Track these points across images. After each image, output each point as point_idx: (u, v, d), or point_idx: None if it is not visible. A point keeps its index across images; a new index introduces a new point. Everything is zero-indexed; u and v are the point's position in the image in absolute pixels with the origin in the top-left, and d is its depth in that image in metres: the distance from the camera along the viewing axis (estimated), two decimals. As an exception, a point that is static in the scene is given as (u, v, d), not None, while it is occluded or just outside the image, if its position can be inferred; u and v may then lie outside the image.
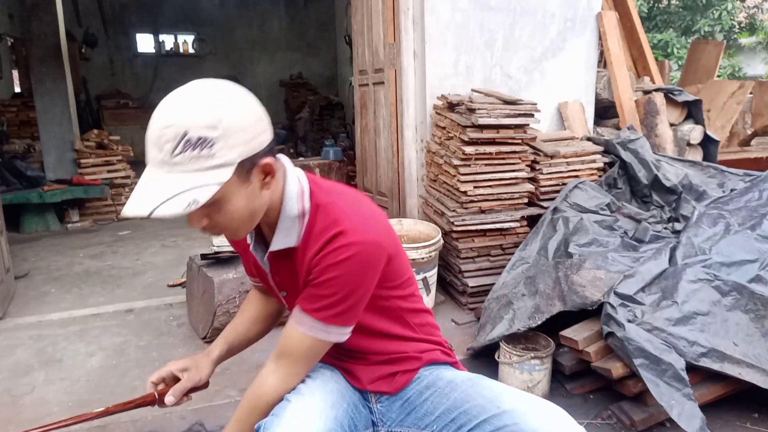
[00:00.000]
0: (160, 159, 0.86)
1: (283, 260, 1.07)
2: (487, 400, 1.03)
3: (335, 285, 0.98)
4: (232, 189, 0.90)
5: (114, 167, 5.19)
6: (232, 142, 0.87)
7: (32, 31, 4.99)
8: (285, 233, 1.03)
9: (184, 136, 0.84)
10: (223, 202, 0.90)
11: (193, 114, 0.85)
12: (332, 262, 0.96)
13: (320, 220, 1.01)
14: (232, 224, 0.95)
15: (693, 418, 1.71)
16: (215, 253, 2.56)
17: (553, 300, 2.13)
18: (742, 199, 2.50)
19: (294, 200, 1.02)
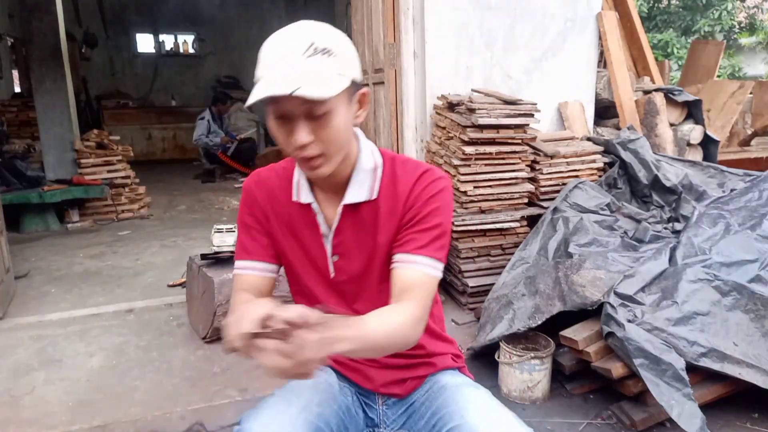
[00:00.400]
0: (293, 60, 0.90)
1: (350, 217, 1.09)
2: (457, 408, 1.02)
3: (437, 216, 1.04)
4: (340, 104, 0.94)
5: (114, 167, 5.19)
6: (347, 60, 0.95)
7: (32, 31, 4.99)
8: (358, 186, 1.07)
9: (311, 44, 0.91)
10: (332, 115, 0.94)
11: (314, 32, 0.93)
12: (433, 192, 1.04)
13: (400, 166, 1.09)
14: (332, 144, 0.96)
15: (693, 418, 1.71)
16: (215, 253, 2.56)
17: (553, 300, 2.13)
18: (742, 199, 2.50)
19: (368, 154, 1.09)
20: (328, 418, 1.03)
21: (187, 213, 5.41)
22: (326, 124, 0.93)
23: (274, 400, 1.01)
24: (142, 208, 5.29)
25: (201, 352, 2.45)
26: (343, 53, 0.94)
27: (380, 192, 1.07)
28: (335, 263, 1.12)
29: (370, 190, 1.07)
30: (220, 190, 6.40)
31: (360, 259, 1.10)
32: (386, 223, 1.06)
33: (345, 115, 0.96)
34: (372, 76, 3.66)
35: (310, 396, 1.04)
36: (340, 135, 0.97)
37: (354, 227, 1.09)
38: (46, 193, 4.58)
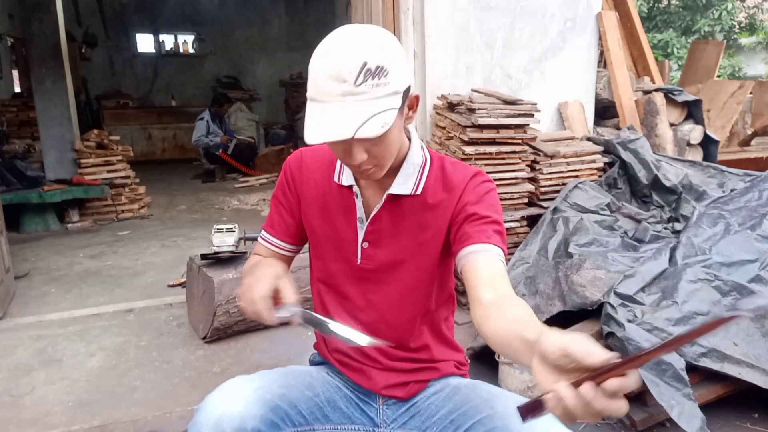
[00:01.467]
0: (343, 90, 0.90)
1: (390, 207, 1.10)
2: (482, 401, 1.04)
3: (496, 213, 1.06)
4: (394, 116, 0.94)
5: (114, 167, 5.19)
6: (399, 71, 0.94)
7: (32, 31, 4.99)
8: (405, 179, 1.08)
9: (364, 65, 0.89)
10: (387, 134, 0.95)
11: (367, 46, 0.91)
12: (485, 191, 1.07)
13: (450, 166, 1.11)
14: (387, 157, 0.99)
15: (693, 418, 1.71)
16: (215, 253, 2.56)
17: (553, 300, 2.13)
18: (742, 199, 2.50)
19: (419, 149, 1.10)
20: (293, 400, 1.04)
21: (187, 213, 5.41)
22: (381, 142, 0.96)
23: (234, 379, 1.02)
24: (142, 208, 5.29)
25: (201, 352, 2.45)
26: (395, 65, 0.93)
27: (425, 188, 1.08)
28: (364, 250, 1.12)
29: (415, 185, 1.08)
30: (220, 190, 6.40)
31: (391, 250, 1.10)
32: (433, 219, 1.08)
33: (399, 124, 0.98)
34: (372, 76, 3.65)
35: (275, 378, 1.05)
36: (393, 148, 1.00)
37: (392, 218, 1.10)
38: (46, 193, 4.58)
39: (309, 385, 1.10)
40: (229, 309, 2.44)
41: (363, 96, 0.90)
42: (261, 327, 2.59)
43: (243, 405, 0.96)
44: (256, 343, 2.50)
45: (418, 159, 1.09)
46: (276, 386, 1.03)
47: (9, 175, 4.71)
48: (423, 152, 1.11)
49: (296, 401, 1.04)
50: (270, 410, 1.00)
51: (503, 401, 1.02)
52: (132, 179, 5.26)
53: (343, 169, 1.12)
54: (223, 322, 2.45)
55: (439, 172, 1.10)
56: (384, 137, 0.94)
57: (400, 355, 1.15)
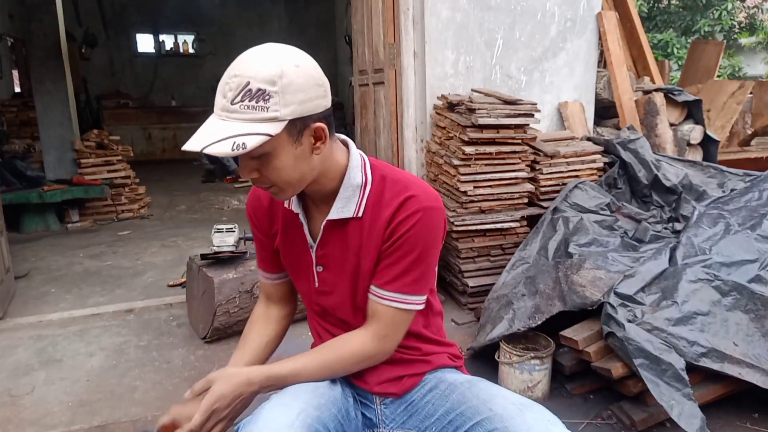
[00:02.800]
0: (222, 104, 0.93)
1: (336, 232, 1.09)
2: (480, 402, 1.03)
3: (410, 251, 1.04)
4: (281, 145, 0.94)
5: (114, 167, 5.19)
6: (287, 100, 0.92)
7: (32, 31, 4.99)
8: (345, 202, 1.07)
9: (246, 86, 0.91)
10: (271, 157, 0.95)
11: (259, 68, 0.92)
12: (409, 225, 1.03)
13: (389, 188, 1.07)
14: (279, 181, 0.99)
15: (693, 418, 1.71)
16: (215, 253, 2.56)
17: (553, 300, 2.13)
18: (742, 199, 2.50)
19: (357, 170, 1.08)
20: (325, 421, 1.02)
21: (187, 213, 5.41)
22: (267, 164, 0.96)
23: (270, 405, 1.00)
24: (142, 208, 5.29)
25: (201, 352, 2.45)
26: (285, 92, 0.91)
27: (365, 211, 1.07)
28: (319, 274, 1.15)
29: (356, 208, 1.07)
30: (220, 190, 6.40)
31: (344, 273, 1.11)
32: (368, 245, 1.07)
33: (290, 154, 0.96)
34: (372, 76, 3.66)
35: (308, 399, 1.03)
36: (286, 173, 0.97)
37: (339, 242, 1.10)
38: (46, 193, 4.58)
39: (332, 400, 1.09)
40: (229, 309, 2.44)
41: (234, 115, 0.91)
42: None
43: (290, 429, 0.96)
44: (256, 343, 2.49)
45: (356, 180, 1.06)
46: (311, 408, 1.02)
47: (9, 175, 4.71)
48: (363, 172, 1.08)
49: (326, 421, 1.03)
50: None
51: (501, 402, 1.01)
52: (132, 179, 5.26)
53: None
54: (223, 322, 2.45)
55: (378, 193, 1.07)
56: (268, 160, 0.95)
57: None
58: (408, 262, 1.04)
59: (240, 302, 2.46)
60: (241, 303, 2.47)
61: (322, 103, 0.98)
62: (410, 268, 1.04)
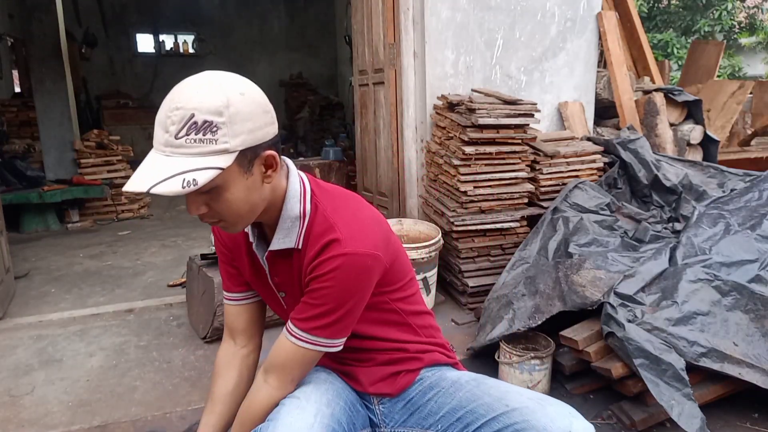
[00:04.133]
0: (165, 140, 0.87)
1: (282, 260, 1.08)
2: (494, 399, 1.03)
3: (325, 296, 0.98)
4: (232, 177, 0.90)
5: (114, 167, 5.19)
6: (236, 130, 0.88)
7: (32, 31, 4.99)
8: (285, 233, 1.04)
9: (190, 118, 0.86)
10: (222, 190, 0.91)
11: (202, 98, 0.87)
12: (324, 271, 0.97)
13: (318, 223, 1.02)
14: (230, 214, 0.95)
15: (693, 418, 1.71)
16: (215, 253, 2.55)
17: (553, 300, 2.13)
18: (742, 199, 2.50)
19: (295, 200, 1.03)
20: (338, 416, 1.04)
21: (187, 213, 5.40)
22: (217, 198, 0.92)
23: (285, 409, 1.01)
24: (142, 208, 5.29)
25: (201, 351, 2.45)
26: (233, 122, 0.87)
27: (303, 242, 1.03)
28: (284, 299, 1.15)
29: (297, 239, 1.04)
30: (220, 190, 6.40)
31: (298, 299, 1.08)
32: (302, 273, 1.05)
33: (242, 185, 0.92)
34: (372, 76, 3.66)
35: (319, 398, 1.04)
36: (237, 205, 0.93)
37: (286, 268, 1.08)
38: (46, 193, 4.58)
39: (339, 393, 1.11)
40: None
41: (180, 150, 0.86)
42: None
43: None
44: (256, 343, 2.50)
45: (294, 211, 1.03)
46: (325, 407, 1.02)
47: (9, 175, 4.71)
48: (303, 203, 1.03)
49: (339, 416, 1.04)
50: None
51: (517, 397, 1.02)
52: (132, 179, 5.25)
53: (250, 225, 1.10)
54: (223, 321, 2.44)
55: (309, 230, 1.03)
56: (218, 194, 0.90)
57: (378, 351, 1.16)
58: (324, 306, 0.99)
59: (240, 302, 2.46)
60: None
61: (270, 130, 0.94)
62: (326, 313, 1.00)
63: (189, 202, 0.92)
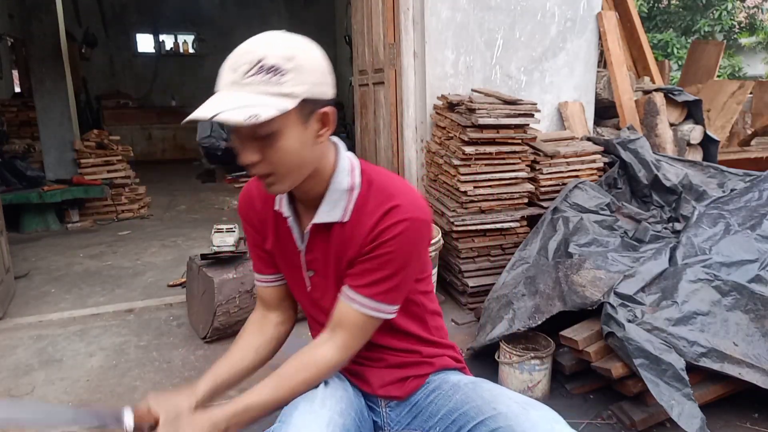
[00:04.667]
0: (232, 80, 0.90)
1: (321, 236, 1.07)
2: (484, 402, 1.03)
3: (389, 261, 1.01)
4: (290, 125, 0.92)
5: (114, 167, 5.19)
6: (301, 79, 0.91)
7: (32, 31, 4.99)
8: (331, 206, 1.04)
9: (259, 61, 0.89)
10: (279, 136, 0.92)
11: (272, 45, 0.91)
12: (390, 236, 0.99)
13: (374, 195, 1.04)
14: (281, 165, 0.95)
15: (693, 418, 1.71)
16: (215, 253, 2.56)
17: (553, 300, 2.13)
18: (742, 199, 2.50)
19: (345, 173, 1.05)
20: (348, 427, 1.03)
21: (187, 213, 5.41)
22: (272, 144, 0.92)
23: (298, 413, 1.00)
24: (142, 208, 5.29)
25: (201, 351, 2.45)
26: (299, 70, 0.90)
27: (352, 216, 1.04)
28: (311, 278, 1.13)
29: (343, 212, 1.04)
30: (220, 190, 6.40)
31: (332, 277, 1.09)
32: (349, 252, 1.05)
33: (298, 136, 0.94)
34: (372, 76, 3.66)
35: (332, 405, 1.04)
36: (290, 157, 0.94)
37: (326, 246, 1.08)
38: (46, 193, 4.58)
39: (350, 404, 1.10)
40: (229, 309, 2.44)
41: (247, 88, 0.89)
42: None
43: None
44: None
45: (343, 184, 1.04)
46: (336, 416, 1.02)
47: (9, 175, 4.71)
48: (352, 176, 1.05)
49: (349, 426, 1.04)
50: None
51: (505, 401, 1.01)
52: (132, 179, 5.26)
53: (281, 197, 1.09)
54: (223, 322, 2.45)
55: (365, 198, 1.04)
56: (275, 140, 0.92)
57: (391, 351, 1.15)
58: (386, 271, 1.01)
59: (240, 302, 2.46)
60: (241, 303, 2.47)
61: (329, 91, 0.97)
62: (387, 278, 1.01)
63: (244, 148, 0.94)
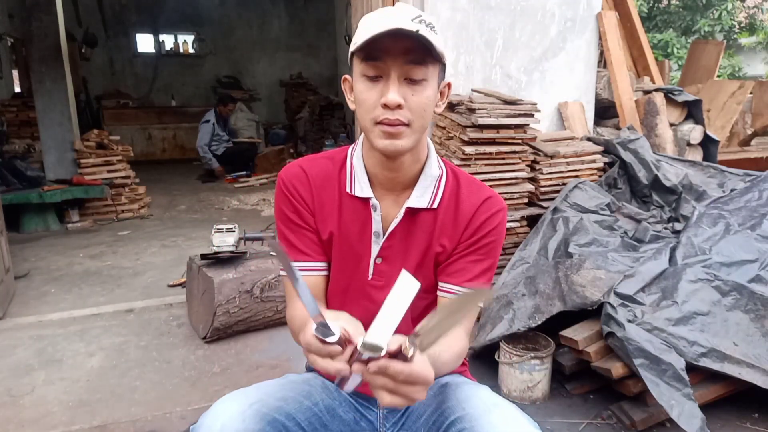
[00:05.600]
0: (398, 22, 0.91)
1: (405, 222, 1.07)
2: (458, 402, 1.01)
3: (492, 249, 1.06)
4: (434, 80, 0.97)
5: (114, 167, 5.19)
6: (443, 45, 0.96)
7: (32, 31, 4.98)
8: (422, 191, 1.06)
9: (419, 15, 0.94)
10: (427, 85, 0.96)
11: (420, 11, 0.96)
12: (492, 226, 1.05)
13: (464, 184, 1.08)
14: (419, 116, 0.97)
15: (693, 418, 1.71)
16: (215, 253, 2.56)
17: (553, 300, 2.13)
18: (742, 199, 2.50)
19: (435, 161, 1.08)
20: (291, 412, 1.00)
21: (187, 213, 5.41)
22: (420, 91, 0.95)
23: (230, 395, 0.99)
24: (142, 208, 5.29)
25: (201, 352, 2.45)
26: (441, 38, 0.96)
27: (441, 203, 1.06)
28: (377, 265, 1.09)
29: (432, 198, 1.06)
30: (220, 190, 6.39)
31: (402, 265, 1.04)
32: (442, 236, 1.06)
33: (434, 91, 0.98)
34: (372, 76, 3.65)
35: (271, 391, 1.01)
36: (429, 108, 0.97)
37: (408, 232, 1.07)
38: (46, 193, 4.58)
39: (307, 394, 1.06)
40: (229, 309, 2.44)
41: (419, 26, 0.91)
42: (261, 327, 2.59)
43: (240, 421, 0.92)
44: (256, 343, 2.50)
45: (435, 171, 1.07)
46: (273, 399, 0.99)
47: (9, 175, 4.71)
48: (439, 164, 1.09)
49: (294, 413, 1.00)
50: (267, 424, 0.95)
51: (475, 402, 0.99)
52: (132, 179, 5.26)
53: (356, 178, 1.07)
54: (223, 322, 2.45)
55: (455, 188, 1.08)
56: (423, 87, 0.95)
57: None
58: (492, 259, 1.06)
59: (240, 302, 2.46)
60: (241, 303, 2.47)
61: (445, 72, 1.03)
62: (492, 266, 1.07)
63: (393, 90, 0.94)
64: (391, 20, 0.92)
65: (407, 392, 0.75)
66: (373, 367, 0.73)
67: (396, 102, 0.94)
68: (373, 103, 0.96)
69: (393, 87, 0.94)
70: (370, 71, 0.95)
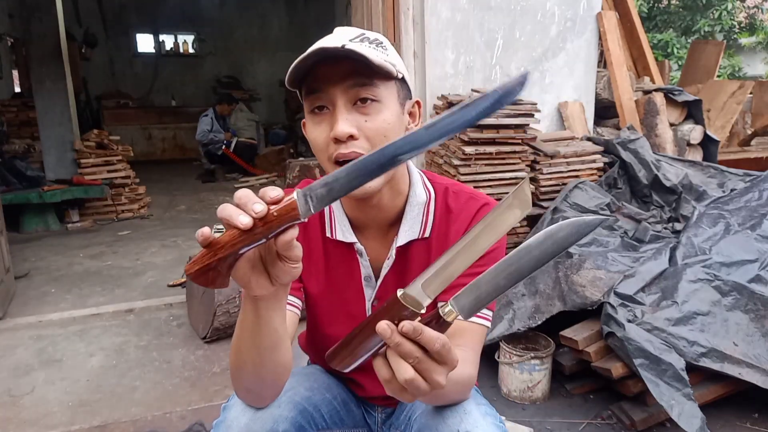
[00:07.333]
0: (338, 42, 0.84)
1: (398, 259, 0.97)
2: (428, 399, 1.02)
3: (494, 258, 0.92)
4: (392, 99, 0.87)
5: (114, 167, 5.19)
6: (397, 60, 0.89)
7: (32, 31, 4.99)
8: (411, 223, 0.96)
9: (362, 33, 0.87)
10: (382, 107, 0.86)
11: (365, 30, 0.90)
12: None
13: (453, 199, 0.98)
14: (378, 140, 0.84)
15: (693, 418, 1.71)
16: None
17: (553, 300, 2.13)
18: (742, 199, 2.50)
19: (420, 185, 0.98)
20: (317, 403, 1.00)
21: (187, 213, 5.41)
22: (374, 115, 0.85)
23: None
24: (142, 208, 5.29)
25: (201, 352, 2.45)
26: (393, 53, 0.89)
27: (433, 230, 0.97)
28: (374, 306, 1.02)
29: (422, 227, 0.96)
30: (220, 190, 6.39)
31: None
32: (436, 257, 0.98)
33: (395, 112, 0.87)
34: (372, 76, 3.66)
35: (300, 380, 1.01)
36: (391, 133, 0.85)
37: (402, 270, 0.98)
38: (46, 193, 4.58)
39: (328, 387, 1.06)
40: (229, 309, 2.44)
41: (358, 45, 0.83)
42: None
43: (276, 406, 0.91)
44: (256, 343, 2.49)
45: (422, 197, 0.97)
46: (303, 389, 0.98)
47: (9, 175, 4.71)
48: (425, 186, 0.99)
49: (319, 404, 1.00)
50: (299, 413, 0.94)
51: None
52: (132, 179, 5.26)
53: (335, 221, 0.98)
54: (223, 322, 2.45)
55: (444, 209, 0.98)
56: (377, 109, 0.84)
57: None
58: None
59: (240, 302, 2.46)
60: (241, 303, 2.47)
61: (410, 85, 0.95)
62: None
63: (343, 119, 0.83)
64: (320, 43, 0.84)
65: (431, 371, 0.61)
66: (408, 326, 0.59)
67: (345, 133, 0.83)
68: (324, 140, 0.86)
69: (340, 116, 0.83)
70: (315, 103, 0.86)
